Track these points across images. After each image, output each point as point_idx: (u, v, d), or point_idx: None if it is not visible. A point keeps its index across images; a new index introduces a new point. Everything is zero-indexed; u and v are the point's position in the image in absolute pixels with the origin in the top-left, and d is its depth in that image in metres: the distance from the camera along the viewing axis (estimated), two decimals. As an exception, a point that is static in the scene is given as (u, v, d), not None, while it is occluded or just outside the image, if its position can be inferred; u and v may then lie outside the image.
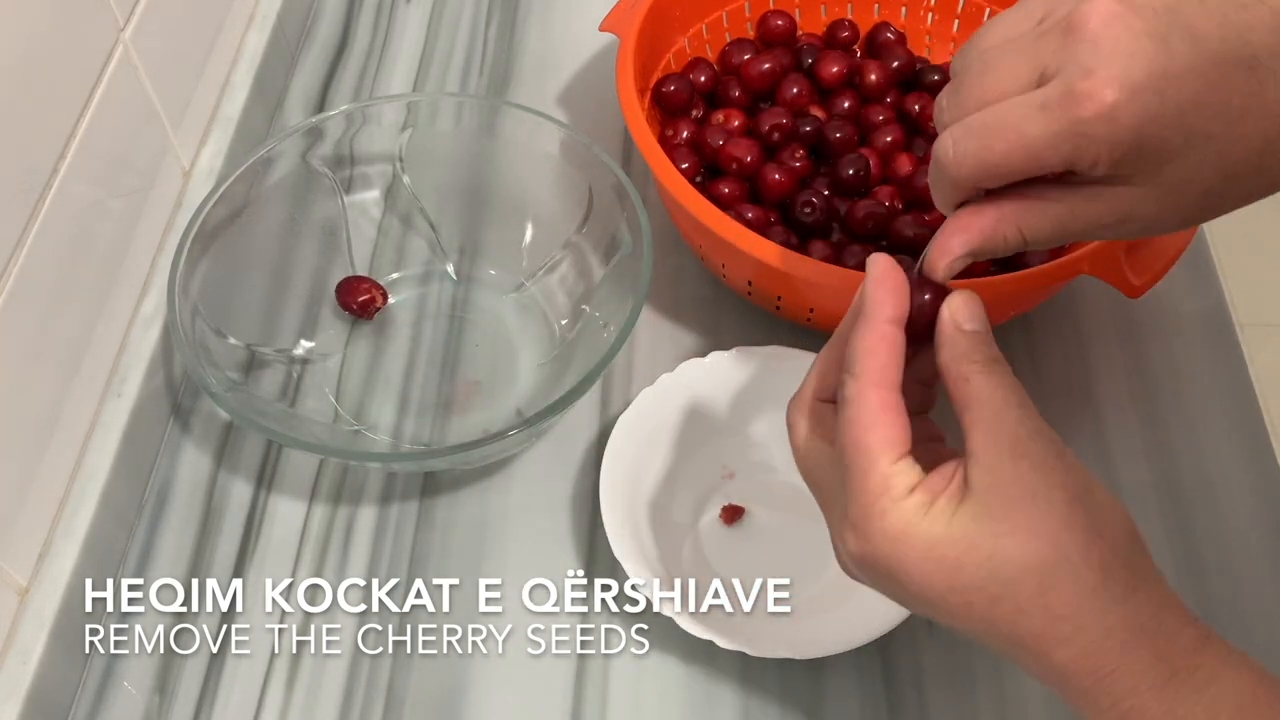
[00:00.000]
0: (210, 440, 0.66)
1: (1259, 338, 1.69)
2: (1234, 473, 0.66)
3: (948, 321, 0.41)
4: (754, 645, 0.55)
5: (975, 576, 0.38)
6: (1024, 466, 0.38)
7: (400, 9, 0.89)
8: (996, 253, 0.41)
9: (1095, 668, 0.37)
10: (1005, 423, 0.38)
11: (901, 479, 0.39)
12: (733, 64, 0.76)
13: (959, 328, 0.40)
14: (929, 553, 0.38)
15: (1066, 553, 0.37)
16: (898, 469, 0.39)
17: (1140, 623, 0.37)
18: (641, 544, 0.59)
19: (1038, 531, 0.37)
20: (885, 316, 0.41)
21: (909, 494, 0.39)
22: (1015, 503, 0.37)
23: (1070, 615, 0.37)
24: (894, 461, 0.39)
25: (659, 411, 0.63)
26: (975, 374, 0.39)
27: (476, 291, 0.72)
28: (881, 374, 0.40)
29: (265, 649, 0.59)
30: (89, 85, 0.58)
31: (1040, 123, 0.37)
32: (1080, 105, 0.36)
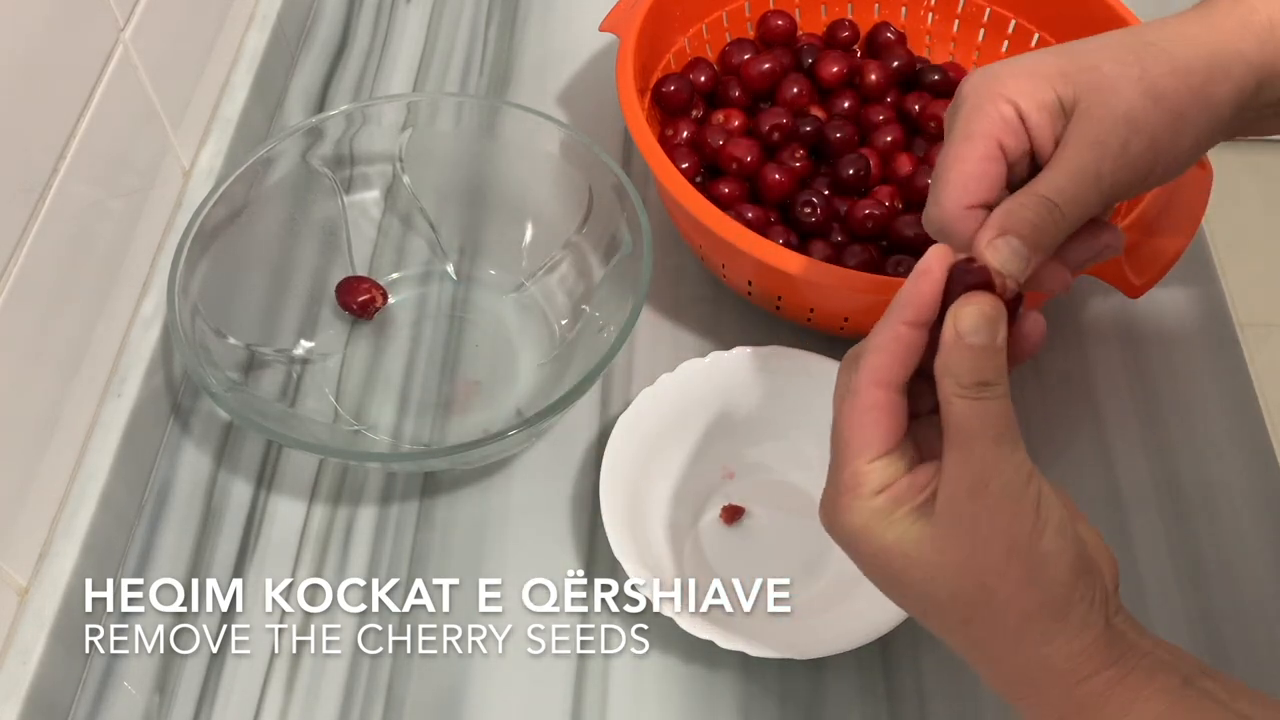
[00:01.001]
0: (210, 440, 0.66)
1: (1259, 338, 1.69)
2: (1234, 472, 0.66)
3: (948, 328, 0.40)
4: (754, 645, 0.55)
5: (911, 590, 0.41)
6: (976, 507, 0.39)
7: (400, 9, 0.89)
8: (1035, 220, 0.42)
9: (1011, 694, 0.40)
10: (973, 456, 0.39)
11: (873, 478, 0.41)
12: (733, 64, 0.76)
13: (959, 339, 0.40)
14: (877, 556, 0.41)
15: (989, 597, 0.39)
16: (872, 468, 0.41)
17: (1052, 667, 0.39)
18: (641, 544, 0.59)
19: (969, 571, 0.39)
20: (904, 317, 0.41)
21: (875, 495, 0.41)
22: (959, 539, 0.39)
23: (987, 646, 0.40)
24: (869, 460, 0.41)
25: (659, 411, 0.63)
26: (956, 399, 0.40)
27: (476, 291, 0.72)
28: (880, 373, 0.41)
29: (265, 649, 0.59)
30: (89, 85, 0.58)
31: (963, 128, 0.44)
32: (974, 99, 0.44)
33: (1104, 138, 0.42)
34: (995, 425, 0.39)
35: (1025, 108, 0.43)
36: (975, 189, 0.43)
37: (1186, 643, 0.60)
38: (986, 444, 0.39)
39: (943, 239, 0.44)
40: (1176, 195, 0.62)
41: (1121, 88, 0.43)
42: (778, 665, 0.58)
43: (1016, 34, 0.77)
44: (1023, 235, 0.42)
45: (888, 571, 0.41)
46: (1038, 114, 0.43)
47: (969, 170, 0.43)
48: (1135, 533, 0.64)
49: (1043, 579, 0.39)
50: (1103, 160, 0.42)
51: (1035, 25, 0.76)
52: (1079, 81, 0.43)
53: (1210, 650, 0.60)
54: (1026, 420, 0.67)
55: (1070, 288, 0.46)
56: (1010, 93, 0.43)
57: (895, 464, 0.41)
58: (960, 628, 0.40)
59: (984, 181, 0.43)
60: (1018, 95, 0.43)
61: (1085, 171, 0.42)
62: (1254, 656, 0.60)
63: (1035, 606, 0.39)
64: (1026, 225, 0.42)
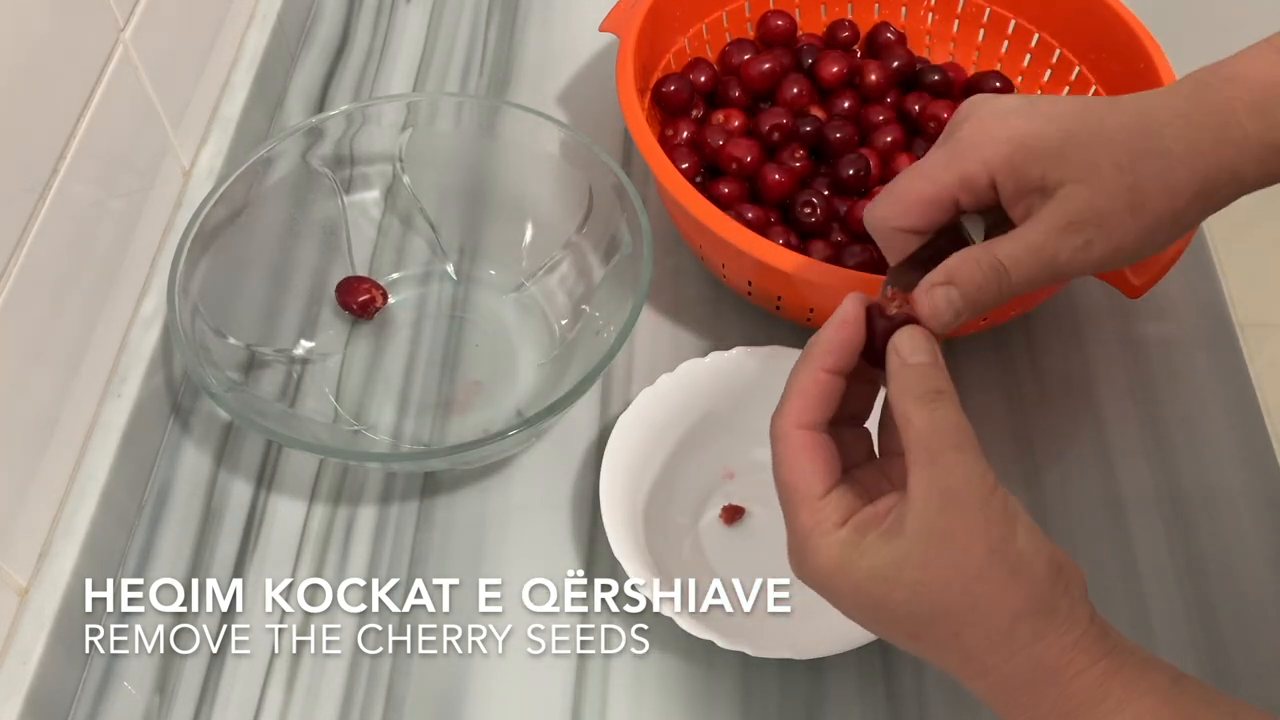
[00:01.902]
0: (210, 440, 0.66)
1: (1259, 338, 1.69)
2: (1234, 472, 0.66)
3: (892, 355, 0.43)
4: (754, 645, 0.55)
5: (896, 614, 0.41)
6: (950, 515, 0.39)
7: (400, 9, 0.89)
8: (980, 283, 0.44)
9: (1005, 702, 0.40)
10: (939, 467, 0.40)
11: (831, 512, 0.42)
12: (733, 64, 0.76)
13: (903, 362, 0.42)
14: (858, 588, 0.41)
15: (976, 602, 0.39)
16: (826, 502, 0.42)
17: (1047, 664, 0.39)
18: (641, 544, 0.59)
19: (952, 580, 0.39)
20: (824, 364, 0.43)
21: (838, 528, 0.41)
22: (937, 550, 0.39)
23: (980, 656, 0.40)
24: (821, 496, 0.42)
25: (659, 411, 0.63)
26: (914, 412, 0.41)
27: (476, 291, 0.72)
28: (802, 415, 0.43)
29: (265, 649, 0.59)
30: (89, 85, 0.58)
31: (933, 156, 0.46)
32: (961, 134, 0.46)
33: (1072, 231, 0.44)
34: (955, 435, 0.40)
35: (1003, 180, 0.45)
36: (911, 220, 0.46)
37: (1186, 643, 0.60)
38: (951, 454, 0.40)
39: (873, 237, 0.48)
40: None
41: (1109, 194, 0.44)
42: (778, 665, 0.58)
43: (1016, 34, 0.77)
44: (965, 291, 0.44)
45: (870, 600, 0.41)
46: (1014, 186, 0.45)
47: (913, 203, 0.46)
48: (1135, 532, 0.64)
49: (1025, 576, 0.39)
50: (1063, 250, 0.44)
51: (1035, 25, 0.76)
52: (1070, 172, 0.44)
53: (1210, 651, 0.60)
54: (1026, 420, 0.68)
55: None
56: (997, 163, 0.45)
57: (846, 496, 0.42)
58: (951, 641, 0.40)
59: (921, 219, 0.46)
60: (1001, 167, 0.45)
61: (1044, 253, 0.44)
62: (1254, 657, 0.60)
63: (1023, 604, 0.39)
64: (972, 284, 0.44)
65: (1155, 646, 0.60)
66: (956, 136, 0.46)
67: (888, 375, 0.43)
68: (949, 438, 0.40)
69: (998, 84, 0.76)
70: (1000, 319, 0.66)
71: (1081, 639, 0.39)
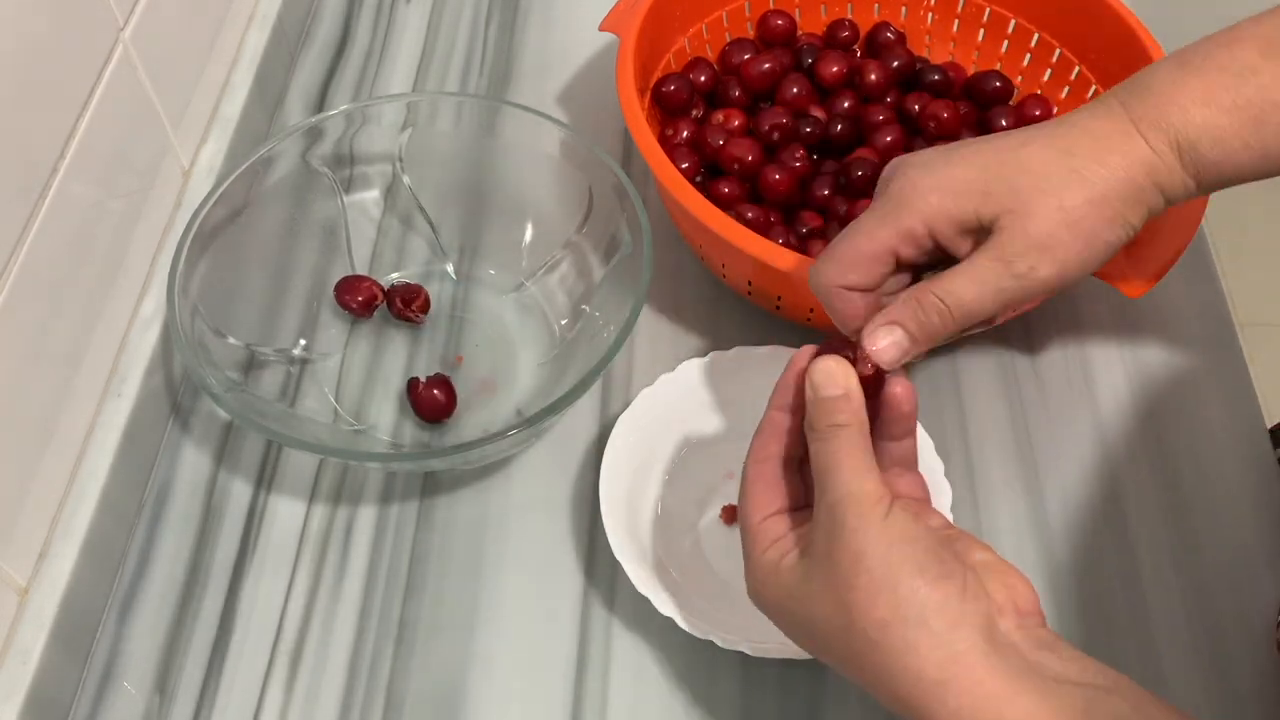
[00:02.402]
0: (210, 440, 0.66)
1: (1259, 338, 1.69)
2: (1234, 472, 0.66)
3: (806, 387, 0.46)
4: (754, 645, 0.55)
5: (802, 627, 0.44)
6: (829, 530, 0.42)
7: (400, 9, 0.89)
8: (925, 324, 0.47)
9: (905, 711, 0.41)
10: (826, 488, 0.43)
11: (764, 535, 0.46)
12: (733, 64, 0.76)
13: (813, 395, 0.46)
14: (776, 603, 0.45)
15: (850, 612, 0.41)
16: (762, 526, 0.46)
17: (927, 676, 0.39)
18: (641, 544, 0.59)
19: (829, 590, 0.42)
20: (774, 404, 0.48)
21: (766, 550, 0.45)
22: (819, 562, 0.42)
23: (865, 667, 0.41)
24: (759, 523, 0.46)
25: (659, 411, 0.63)
26: (813, 441, 0.45)
27: (476, 291, 0.72)
28: (757, 451, 0.48)
29: (265, 649, 0.59)
30: (89, 85, 0.58)
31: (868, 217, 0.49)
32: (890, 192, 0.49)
33: (1013, 259, 0.46)
34: (846, 457, 0.43)
35: (938, 227, 0.47)
36: (854, 278, 0.49)
37: (1188, 644, 0.60)
38: (839, 475, 0.43)
39: (819, 298, 0.50)
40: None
41: (1039, 214, 0.46)
42: (778, 665, 0.58)
43: (1016, 34, 0.77)
44: (909, 331, 0.47)
45: (784, 615, 0.45)
46: (951, 230, 0.47)
47: (855, 261, 0.48)
48: (1135, 532, 0.64)
49: (890, 584, 0.40)
50: (1006, 278, 0.46)
51: (1035, 25, 0.76)
52: (1000, 204, 0.46)
53: (1211, 652, 0.60)
54: (1027, 420, 0.68)
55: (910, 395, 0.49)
56: (929, 212, 0.47)
57: (782, 523, 0.46)
58: (843, 651, 0.42)
59: (864, 276, 0.48)
60: (934, 215, 0.47)
61: (987, 285, 0.46)
62: (1255, 657, 0.60)
63: (889, 613, 0.40)
64: (914, 323, 0.47)
65: (1154, 647, 0.60)
66: (887, 195, 0.49)
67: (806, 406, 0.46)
68: (841, 460, 0.43)
69: (997, 83, 0.76)
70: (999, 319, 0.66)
71: (967, 655, 0.39)
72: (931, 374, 0.69)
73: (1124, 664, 0.41)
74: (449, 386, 0.66)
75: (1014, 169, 0.47)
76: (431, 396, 0.65)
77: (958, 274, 0.47)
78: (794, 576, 0.44)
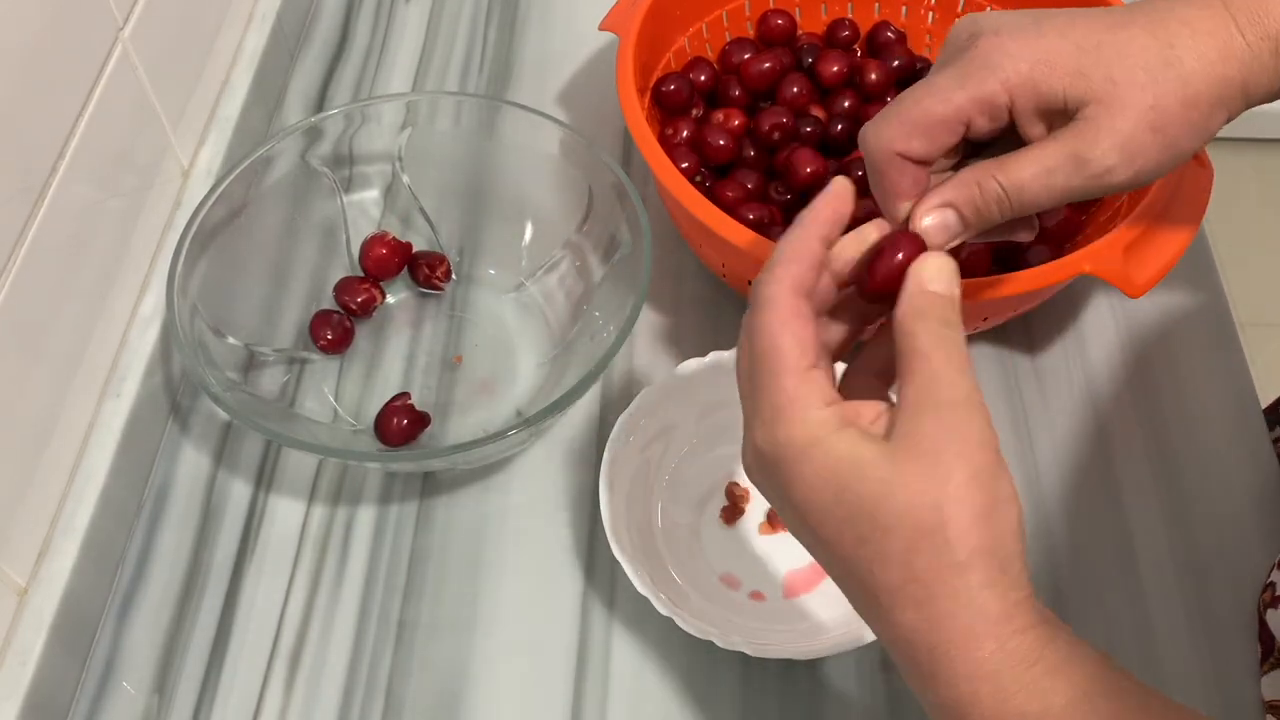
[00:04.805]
0: (209, 440, 0.66)
1: (1259, 338, 1.69)
2: (1234, 472, 0.66)
3: (912, 278, 0.40)
4: (753, 645, 0.55)
5: (854, 508, 0.38)
6: (943, 430, 0.38)
7: (400, 8, 0.89)
8: (981, 210, 0.43)
9: (934, 643, 0.37)
10: (938, 384, 0.38)
11: (817, 388, 0.39)
12: (733, 63, 0.76)
13: (922, 286, 0.40)
14: (823, 469, 0.38)
15: (943, 523, 0.37)
16: (814, 375, 0.39)
17: (988, 612, 0.37)
18: (641, 544, 0.59)
19: (926, 492, 0.37)
20: (816, 233, 0.41)
21: (826, 406, 0.39)
22: (920, 458, 0.37)
23: (925, 580, 0.37)
24: (809, 368, 0.39)
25: (659, 411, 0.63)
26: (923, 331, 0.39)
27: (476, 291, 0.72)
28: (800, 282, 0.40)
29: (265, 649, 0.59)
30: (88, 85, 0.58)
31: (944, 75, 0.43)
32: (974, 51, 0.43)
33: (1092, 159, 0.42)
34: (959, 360, 0.39)
35: (1021, 100, 0.43)
36: (917, 145, 0.43)
37: (1187, 641, 0.60)
38: (950, 374, 0.38)
39: (868, 163, 0.45)
40: (1177, 195, 0.62)
41: (1129, 113, 0.42)
42: (778, 665, 0.58)
43: (1017, 33, 0.77)
44: (963, 215, 0.43)
45: (832, 486, 0.38)
46: (1031, 106, 0.43)
47: (923, 125, 0.43)
48: (1135, 530, 0.64)
49: (995, 518, 0.37)
50: (1078, 177, 0.43)
51: (1035, 25, 0.76)
52: (1091, 90, 0.42)
53: (1211, 649, 0.60)
54: (1027, 420, 0.68)
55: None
56: (1016, 81, 0.42)
57: (830, 381, 0.40)
58: (901, 556, 0.37)
59: (930, 144, 0.43)
60: (1021, 85, 0.42)
61: (1055, 180, 0.43)
62: (1255, 653, 0.60)
63: (987, 543, 0.37)
64: (970, 208, 0.43)
65: (1154, 644, 0.60)
66: (969, 55, 0.43)
67: (901, 298, 0.40)
68: (956, 360, 0.39)
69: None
70: (1000, 318, 0.66)
71: (1026, 601, 0.38)
72: (931, 374, 0.69)
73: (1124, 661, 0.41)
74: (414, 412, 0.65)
75: (1112, 53, 0.42)
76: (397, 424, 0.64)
77: (1026, 162, 0.43)
78: (868, 454, 0.38)
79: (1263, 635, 0.60)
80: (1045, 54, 0.42)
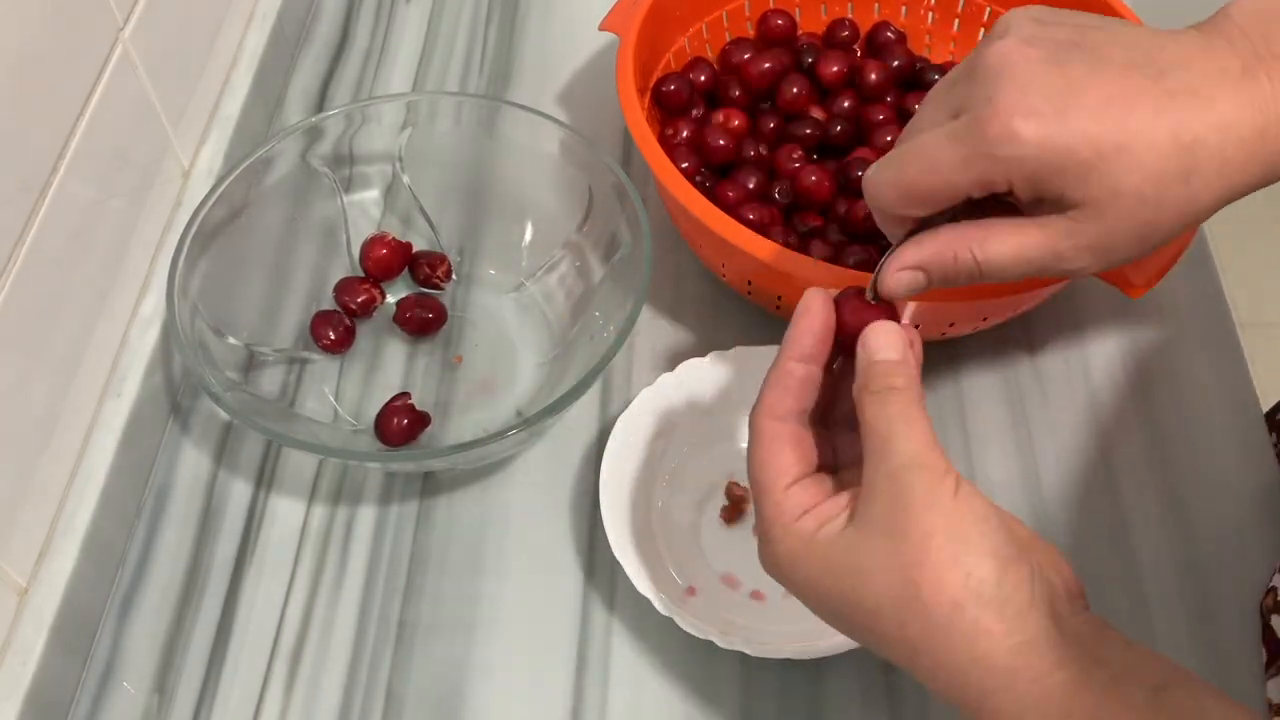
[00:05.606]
0: (209, 440, 0.66)
1: (1259, 338, 1.69)
2: (1234, 472, 0.66)
3: (859, 350, 0.43)
4: (754, 645, 0.55)
5: (846, 603, 0.40)
6: (894, 502, 0.39)
7: (400, 8, 0.89)
8: (950, 276, 0.44)
9: (962, 698, 0.38)
10: (887, 454, 0.40)
11: (793, 503, 0.42)
12: (733, 63, 0.76)
13: (869, 359, 0.42)
14: (809, 580, 0.41)
15: (918, 591, 0.38)
16: (789, 494, 0.42)
17: (997, 664, 0.37)
18: (641, 544, 0.59)
19: (892, 568, 0.38)
20: (793, 355, 0.44)
21: (796, 520, 0.42)
22: (881, 538, 0.39)
23: (926, 650, 0.38)
24: (785, 487, 0.42)
25: (659, 411, 0.63)
26: (869, 403, 0.41)
27: (476, 291, 0.72)
28: (773, 408, 0.43)
29: (264, 649, 0.59)
30: (89, 85, 0.58)
31: (949, 149, 0.41)
32: (984, 129, 0.40)
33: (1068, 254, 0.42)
34: (908, 423, 0.40)
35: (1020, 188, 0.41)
36: (914, 211, 0.44)
37: (1186, 643, 0.60)
38: (901, 442, 0.40)
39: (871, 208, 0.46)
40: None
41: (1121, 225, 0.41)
42: (778, 665, 0.58)
43: (1017, 34, 0.77)
44: (932, 278, 0.44)
45: (821, 591, 0.41)
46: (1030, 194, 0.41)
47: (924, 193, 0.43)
48: (1135, 532, 0.64)
49: (965, 565, 0.38)
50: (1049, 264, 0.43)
51: (1035, 25, 0.76)
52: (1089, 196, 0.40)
53: (1211, 650, 0.60)
54: (1027, 420, 0.68)
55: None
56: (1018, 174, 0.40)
57: (809, 490, 0.42)
58: (898, 633, 0.39)
59: (926, 209, 0.44)
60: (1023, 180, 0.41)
61: (1031, 264, 0.43)
62: (1256, 658, 0.60)
63: (962, 593, 0.37)
64: (941, 273, 0.44)
65: (1155, 646, 0.60)
66: (979, 124, 0.41)
67: (856, 368, 0.43)
68: (900, 426, 0.40)
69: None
70: (1000, 318, 0.66)
71: (1035, 640, 0.37)
72: (931, 373, 0.69)
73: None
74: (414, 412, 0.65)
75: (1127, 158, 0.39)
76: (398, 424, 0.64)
77: (1007, 244, 0.42)
78: (838, 549, 0.40)
79: (1267, 639, 0.59)
80: (1058, 152, 0.40)
